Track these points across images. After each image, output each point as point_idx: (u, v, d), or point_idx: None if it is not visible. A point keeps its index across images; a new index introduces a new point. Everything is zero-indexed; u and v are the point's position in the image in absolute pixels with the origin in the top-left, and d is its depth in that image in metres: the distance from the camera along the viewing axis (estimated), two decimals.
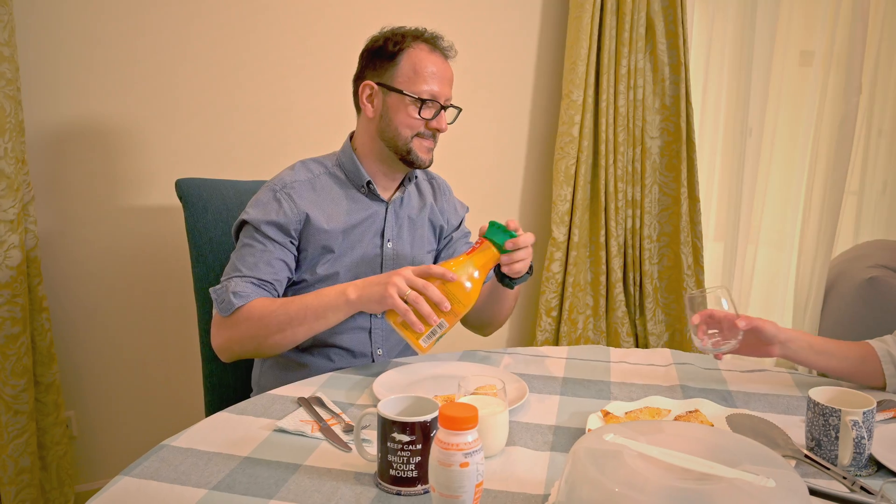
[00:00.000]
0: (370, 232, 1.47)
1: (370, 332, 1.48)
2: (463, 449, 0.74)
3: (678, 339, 2.69)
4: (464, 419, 0.74)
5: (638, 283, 2.68)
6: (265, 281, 1.37)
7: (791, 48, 3.16)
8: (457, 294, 1.19)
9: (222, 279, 1.39)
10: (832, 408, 0.98)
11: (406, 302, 1.18)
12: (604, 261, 2.59)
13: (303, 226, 1.41)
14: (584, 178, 2.54)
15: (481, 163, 2.50)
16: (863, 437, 0.95)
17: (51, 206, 1.93)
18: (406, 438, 0.87)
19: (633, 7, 2.49)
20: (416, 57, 1.41)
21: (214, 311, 1.37)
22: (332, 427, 1.07)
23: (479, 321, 1.60)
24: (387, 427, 0.89)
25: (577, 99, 2.47)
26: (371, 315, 1.46)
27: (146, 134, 2.00)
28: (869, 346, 1.26)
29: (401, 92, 1.40)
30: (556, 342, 2.60)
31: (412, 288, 1.18)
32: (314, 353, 1.45)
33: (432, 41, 1.44)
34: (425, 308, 1.17)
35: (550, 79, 2.59)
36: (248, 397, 1.46)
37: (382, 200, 1.49)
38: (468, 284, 1.20)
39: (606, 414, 1.11)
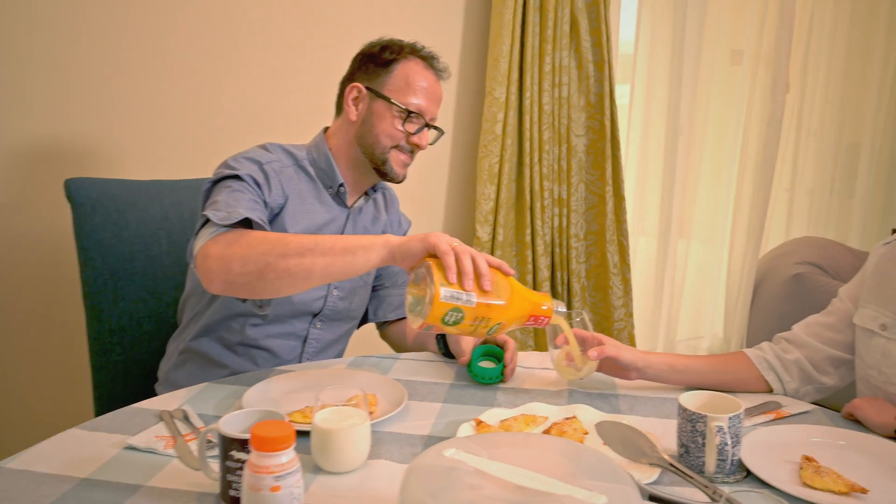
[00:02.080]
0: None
1: (304, 341, 1.42)
2: (274, 472, 0.69)
3: None
4: (274, 439, 0.69)
5: (566, 282, 2.66)
6: (265, 222, 1.23)
7: (721, 46, 3.18)
8: (499, 294, 1.04)
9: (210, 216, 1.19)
10: (699, 414, 0.96)
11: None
12: (530, 260, 2.57)
13: (278, 210, 1.33)
14: (509, 176, 2.51)
15: None
16: (726, 444, 0.92)
17: None
18: (245, 457, 0.82)
19: (557, 4, 2.46)
20: (411, 69, 1.39)
21: (204, 238, 1.18)
22: (190, 443, 1.01)
23: (402, 347, 1.58)
24: (226, 444, 0.84)
25: (499, 96, 2.44)
26: (310, 324, 1.42)
27: (34, 131, 1.91)
28: (742, 355, 1.26)
29: (388, 100, 1.37)
30: None
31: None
32: (239, 352, 1.39)
33: (429, 59, 1.43)
34: (468, 264, 1.01)
35: (474, 76, 2.56)
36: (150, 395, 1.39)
37: (346, 206, 1.44)
38: (501, 303, 1.04)
39: (479, 423, 1.07)
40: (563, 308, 1.12)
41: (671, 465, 0.93)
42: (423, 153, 2.15)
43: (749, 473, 0.97)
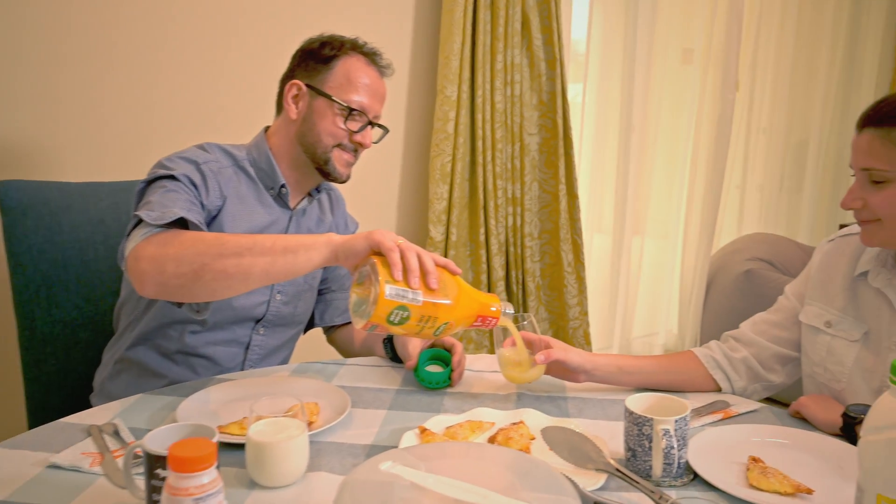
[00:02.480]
0: None
1: (247, 348, 1.37)
2: (194, 494, 0.65)
3: (562, 337, 2.68)
4: (192, 459, 0.65)
5: (520, 281, 2.64)
6: (202, 223, 1.19)
7: (672, 45, 3.21)
8: (446, 293, 1.02)
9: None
10: (645, 417, 0.94)
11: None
12: (484, 260, 2.54)
13: (216, 212, 1.28)
14: (461, 175, 2.49)
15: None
16: (672, 447, 0.91)
17: None
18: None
19: (508, 2, 2.44)
20: (352, 66, 1.35)
21: (136, 239, 1.12)
22: (118, 460, 0.96)
23: (349, 352, 1.53)
24: (150, 462, 0.79)
25: (451, 95, 2.41)
26: (253, 330, 1.37)
27: None
28: (691, 354, 1.26)
29: (329, 97, 1.33)
30: None
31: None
32: (178, 361, 1.33)
33: (371, 55, 1.39)
34: (413, 261, 0.99)
35: (425, 74, 2.52)
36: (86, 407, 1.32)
37: (288, 208, 1.39)
38: (448, 302, 1.01)
39: (424, 430, 1.04)
40: (510, 309, 1.09)
41: (617, 470, 0.91)
42: (374, 152, 2.14)
43: (696, 476, 0.96)
